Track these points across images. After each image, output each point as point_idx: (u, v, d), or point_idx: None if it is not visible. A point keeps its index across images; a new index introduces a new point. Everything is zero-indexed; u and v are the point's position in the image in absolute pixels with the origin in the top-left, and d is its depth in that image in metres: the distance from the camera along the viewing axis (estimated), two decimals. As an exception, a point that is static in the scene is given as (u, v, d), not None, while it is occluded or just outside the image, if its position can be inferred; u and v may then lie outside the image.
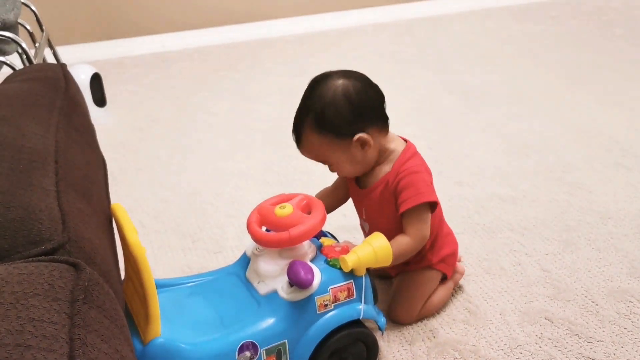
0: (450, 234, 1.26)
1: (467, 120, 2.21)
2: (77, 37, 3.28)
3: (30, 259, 0.63)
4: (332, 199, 1.25)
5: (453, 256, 1.26)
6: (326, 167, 1.16)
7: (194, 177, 1.92)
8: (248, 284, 1.07)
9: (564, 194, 1.66)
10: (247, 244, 1.14)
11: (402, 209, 1.09)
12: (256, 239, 1.03)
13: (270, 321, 0.99)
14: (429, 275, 1.22)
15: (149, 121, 2.42)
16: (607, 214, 1.55)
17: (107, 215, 0.94)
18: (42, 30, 2.32)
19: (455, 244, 1.27)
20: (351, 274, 1.03)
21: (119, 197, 1.69)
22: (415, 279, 1.21)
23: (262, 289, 1.04)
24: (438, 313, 1.25)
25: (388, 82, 2.68)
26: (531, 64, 2.79)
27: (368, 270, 1.05)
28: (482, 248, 1.45)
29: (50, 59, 2.51)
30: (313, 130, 1.08)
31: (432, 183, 1.15)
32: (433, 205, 1.13)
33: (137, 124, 2.40)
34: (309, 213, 1.06)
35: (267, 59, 3.16)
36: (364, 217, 1.21)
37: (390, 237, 1.08)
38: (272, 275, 1.04)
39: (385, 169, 1.14)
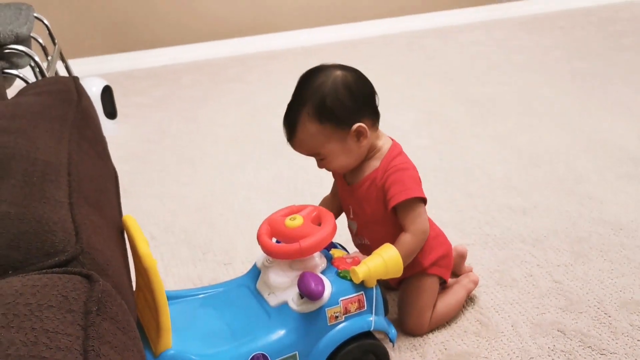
0: (440, 235, 1.24)
1: (477, 131, 2.20)
2: (88, 50, 3.32)
3: (44, 271, 0.63)
4: (334, 207, 1.24)
5: (446, 258, 1.23)
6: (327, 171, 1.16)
7: (203, 188, 1.92)
8: (258, 296, 1.07)
9: (575, 205, 1.65)
10: (258, 256, 1.14)
11: (392, 204, 1.09)
12: (266, 250, 1.03)
13: (280, 333, 0.99)
14: (425, 282, 1.20)
15: (159, 133, 2.43)
16: (619, 225, 1.54)
17: (118, 227, 0.95)
18: (54, 43, 2.35)
19: (447, 244, 1.24)
20: (362, 286, 1.03)
21: (129, 208, 1.69)
22: (414, 286, 1.20)
23: (273, 300, 1.04)
24: (449, 324, 1.24)
25: (398, 93, 2.70)
26: (540, 74, 2.79)
27: (378, 281, 1.05)
28: (493, 259, 1.44)
29: (63, 72, 2.54)
30: (311, 120, 1.06)
31: (420, 181, 1.14)
32: (424, 201, 1.13)
33: (148, 136, 2.42)
34: (319, 224, 1.06)
35: (275, 70, 3.18)
36: (351, 216, 1.21)
37: (378, 236, 1.10)
38: (282, 287, 1.04)
39: (374, 165, 1.14)
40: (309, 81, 1.09)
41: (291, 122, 1.10)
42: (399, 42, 3.55)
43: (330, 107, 1.06)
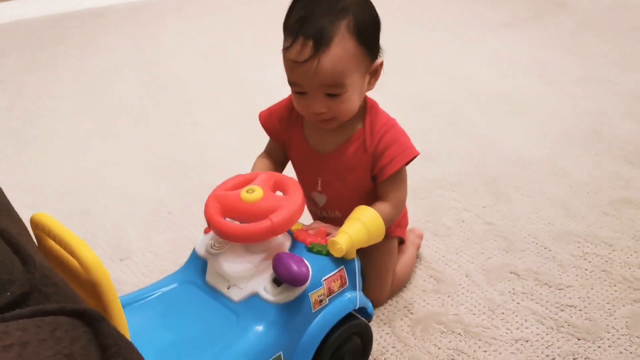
0: None
1: (349, 81, 2.11)
2: None
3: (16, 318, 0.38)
4: (274, 168, 1.04)
5: (405, 216, 1.14)
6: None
7: (59, 173, 1.58)
8: (213, 292, 0.86)
9: (475, 146, 1.64)
10: (197, 242, 0.92)
11: (392, 169, 0.93)
12: (227, 233, 0.81)
13: (258, 333, 0.80)
14: (388, 245, 1.07)
15: (-24, 112, 1.96)
16: (521, 160, 1.56)
17: (27, 232, 0.68)
18: None
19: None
20: (341, 259, 0.87)
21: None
22: (376, 254, 1.05)
23: (236, 294, 0.84)
24: (405, 286, 1.14)
25: (251, 47, 2.50)
26: (394, 24, 2.76)
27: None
28: (420, 210, 1.37)
29: None
30: (351, 37, 0.84)
31: None
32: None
33: (-40, 117, 1.94)
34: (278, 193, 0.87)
35: (101, 31, 2.77)
36: (319, 188, 1.02)
37: (354, 206, 0.93)
38: (245, 276, 0.84)
39: (356, 124, 0.96)
40: None
41: (323, 34, 0.83)
42: None
43: (370, 27, 0.87)
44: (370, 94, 1.00)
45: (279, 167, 1.06)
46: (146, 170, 1.57)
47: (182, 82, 2.13)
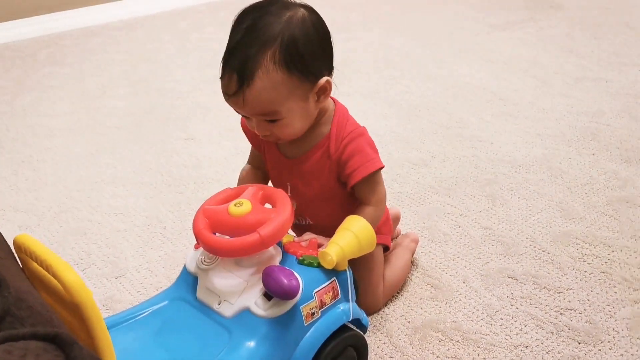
0: None
1: (344, 89, 2.10)
2: None
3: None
4: (261, 181, 1.05)
5: (387, 224, 1.11)
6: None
7: (55, 192, 1.57)
8: (205, 308, 0.85)
9: (469, 149, 1.63)
10: (188, 258, 0.91)
11: (355, 179, 0.93)
12: (215, 248, 0.81)
13: (250, 349, 0.79)
14: (372, 254, 1.03)
15: (-30, 134, 1.96)
16: (516, 162, 1.55)
17: (9, 252, 0.67)
18: None
19: (385, 209, 1.12)
20: (332, 271, 0.86)
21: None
22: (362, 261, 1.01)
23: (227, 310, 0.83)
24: (401, 294, 1.13)
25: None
26: (380, 29, 2.76)
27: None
28: (415, 217, 1.36)
29: None
30: (277, 67, 0.83)
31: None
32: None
33: (-45, 139, 1.94)
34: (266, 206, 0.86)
35: (97, 49, 2.77)
36: (288, 194, 0.98)
37: (323, 214, 0.96)
38: (236, 291, 0.83)
39: (322, 131, 0.96)
40: (268, 17, 0.85)
41: (246, 68, 0.83)
42: (231, 8, 3.31)
43: (302, 52, 0.85)
44: (364, 101, 1.00)
45: (264, 177, 1.06)
46: (141, 186, 1.57)
47: (176, 97, 2.12)
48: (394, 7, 3.04)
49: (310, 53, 0.86)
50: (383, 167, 0.97)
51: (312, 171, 0.96)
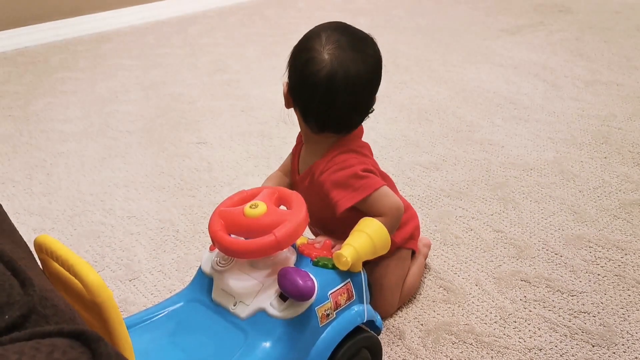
0: (408, 207, 1.13)
1: (354, 93, 2.11)
2: None
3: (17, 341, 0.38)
4: (283, 184, 1.06)
5: (417, 229, 1.14)
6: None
7: (68, 195, 1.59)
8: (220, 310, 0.86)
9: (480, 153, 1.63)
10: (203, 259, 0.92)
11: (339, 210, 0.93)
12: (231, 249, 0.81)
13: (265, 350, 0.79)
14: (400, 257, 1.08)
15: (-15, 139, 1.98)
16: (528, 165, 1.55)
17: (29, 253, 0.68)
18: None
19: (415, 215, 1.14)
20: (347, 272, 0.87)
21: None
22: (388, 265, 1.06)
23: (243, 311, 0.83)
24: (414, 297, 1.13)
25: (254, 63, 2.52)
26: (391, 33, 2.77)
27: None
28: (427, 220, 1.36)
29: None
30: None
31: (367, 169, 0.97)
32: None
33: (-30, 144, 1.96)
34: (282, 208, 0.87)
35: (109, 54, 2.79)
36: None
37: (335, 229, 0.95)
38: (251, 292, 0.84)
39: (322, 153, 0.98)
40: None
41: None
42: (239, 14, 3.34)
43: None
44: (374, 105, 1.03)
45: (289, 183, 1.07)
46: (153, 189, 1.58)
47: (187, 102, 2.14)
48: (403, 12, 3.05)
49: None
50: (371, 192, 0.93)
51: (308, 188, 0.98)
